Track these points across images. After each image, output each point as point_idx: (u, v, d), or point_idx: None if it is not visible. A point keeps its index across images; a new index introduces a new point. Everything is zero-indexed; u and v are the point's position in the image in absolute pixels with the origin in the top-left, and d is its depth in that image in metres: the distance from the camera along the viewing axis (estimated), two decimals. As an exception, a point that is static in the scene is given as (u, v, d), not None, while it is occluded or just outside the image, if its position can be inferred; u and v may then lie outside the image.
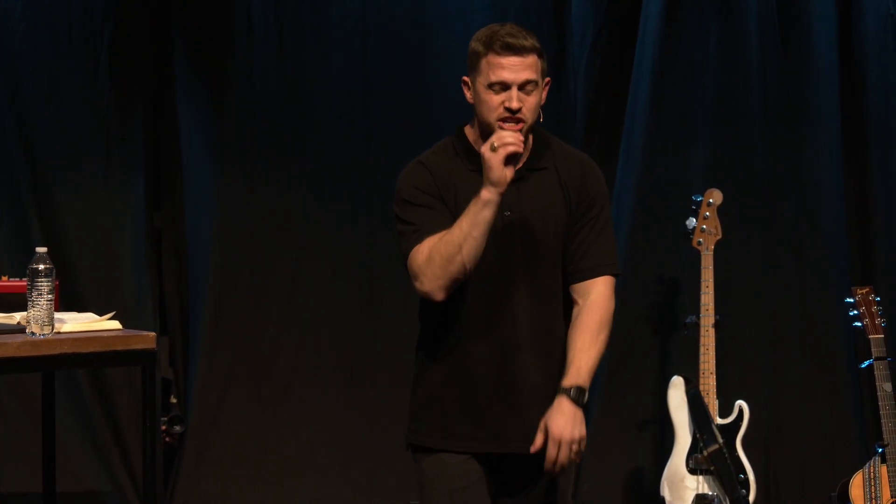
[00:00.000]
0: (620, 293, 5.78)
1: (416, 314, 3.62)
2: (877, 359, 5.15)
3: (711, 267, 5.40)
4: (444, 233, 3.37)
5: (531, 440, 3.46)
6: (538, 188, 3.49)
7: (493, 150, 3.29)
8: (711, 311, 5.36)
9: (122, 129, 5.86)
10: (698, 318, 5.38)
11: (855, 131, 5.99)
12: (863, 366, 5.25)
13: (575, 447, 3.50)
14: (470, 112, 3.55)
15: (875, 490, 5.07)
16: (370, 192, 5.96)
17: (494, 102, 3.41)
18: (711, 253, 5.41)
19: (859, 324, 5.23)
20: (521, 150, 3.32)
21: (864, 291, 5.24)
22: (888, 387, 5.11)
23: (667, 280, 5.95)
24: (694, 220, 5.45)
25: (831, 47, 5.94)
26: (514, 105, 3.39)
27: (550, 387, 3.51)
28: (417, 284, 3.41)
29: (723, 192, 5.50)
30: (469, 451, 3.53)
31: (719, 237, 5.43)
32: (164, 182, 5.93)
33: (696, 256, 5.46)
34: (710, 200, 5.46)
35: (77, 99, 5.78)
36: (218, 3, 5.87)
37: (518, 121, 3.40)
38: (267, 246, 5.95)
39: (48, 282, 3.81)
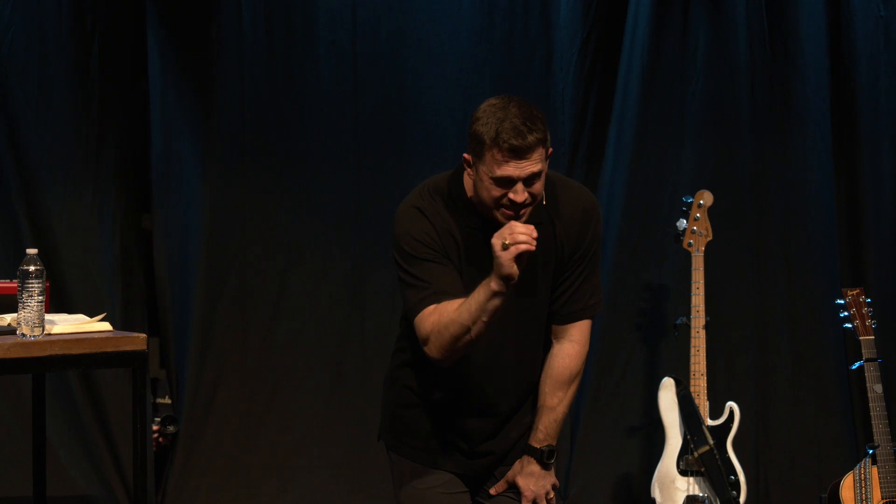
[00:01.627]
0: (608, 295, 5.86)
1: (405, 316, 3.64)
2: (867, 360, 5.16)
3: (702, 268, 5.40)
4: (453, 309, 3.37)
5: (499, 465, 3.62)
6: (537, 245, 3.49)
7: (505, 247, 3.26)
8: (702, 313, 5.37)
9: (111, 131, 5.85)
10: (689, 319, 5.38)
11: (845, 133, 6.00)
12: (853, 367, 5.26)
13: (549, 497, 3.61)
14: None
15: (866, 491, 5.08)
16: (359, 194, 5.95)
17: (498, 194, 3.38)
18: (702, 254, 5.41)
19: (850, 325, 5.23)
20: (533, 247, 3.28)
21: (854, 293, 5.25)
22: (879, 388, 5.12)
23: (655, 282, 5.96)
24: (684, 221, 5.45)
25: (820, 49, 5.95)
26: (520, 199, 3.37)
27: (524, 408, 3.63)
28: (425, 348, 3.43)
29: (712, 194, 5.51)
30: (435, 467, 3.64)
31: (710, 238, 5.43)
32: (153, 184, 5.92)
33: (686, 258, 5.46)
34: (701, 202, 5.46)
35: (66, 102, 5.77)
36: (207, 5, 5.86)
37: (524, 205, 3.39)
38: (255, 247, 5.94)
39: (39, 283, 3.80)
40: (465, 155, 3.47)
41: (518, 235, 3.25)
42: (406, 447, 3.65)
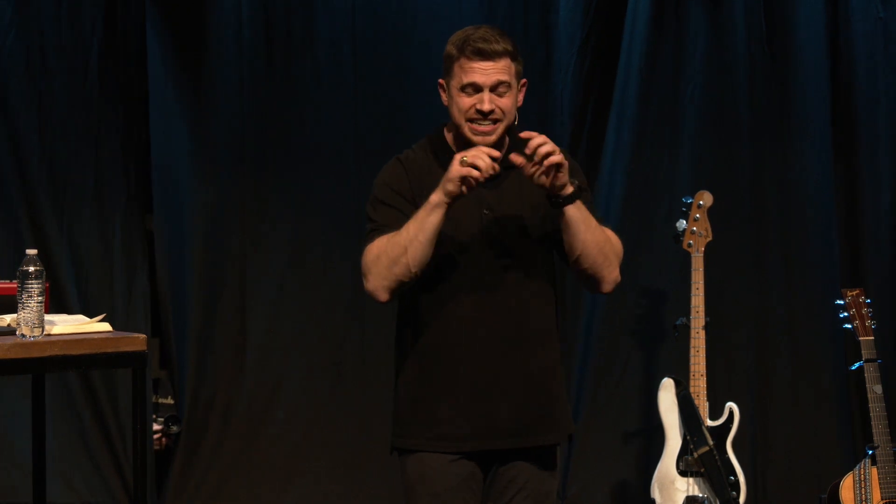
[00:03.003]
0: (606, 297, 5.86)
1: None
2: (867, 361, 5.16)
3: (702, 269, 5.40)
4: (394, 234, 3.41)
5: (517, 436, 3.49)
6: (517, 185, 3.51)
7: (463, 163, 3.32)
8: (702, 314, 5.36)
9: (112, 133, 5.86)
10: (688, 319, 5.38)
11: (844, 133, 6.00)
12: (853, 367, 5.25)
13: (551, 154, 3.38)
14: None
15: (865, 492, 5.08)
16: (358, 194, 5.92)
17: (466, 104, 3.45)
18: (701, 255, 5.41)
19: (849, 325, 5.23)
20: (482, 177, 3.32)
21: (854, 293, 5.25)
22: (878, 388, 5.12)
23: (655, 283, 5.96)
24: (684, 221, 5.44)
25: (819, 49, 5.95)
26: (486, 107, 3.43)
27: (535, 383, 3.53)
28: (364, 283, 3.48)
29: (711, 194, 5.51)
30: (455, 452, 3.52)
31: (709, 239, 5.43)
32: (153, 184, 5.93)
33: (686, 258, 5.46)
34: (701, 202, 5.45)
35: (66, 103, 5.78)
36: (207, 7, 5.87)
37: (493, 121, 3.44)
38: (256, 248, 5.95)
39: (38, 284, 3.80)
40: (440, 80, 3.53)
41: (478, 159, 3.32)
42: (420, 439, 3.54)
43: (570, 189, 3.40)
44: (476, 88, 3.44)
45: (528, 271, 3.53)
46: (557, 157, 3.33)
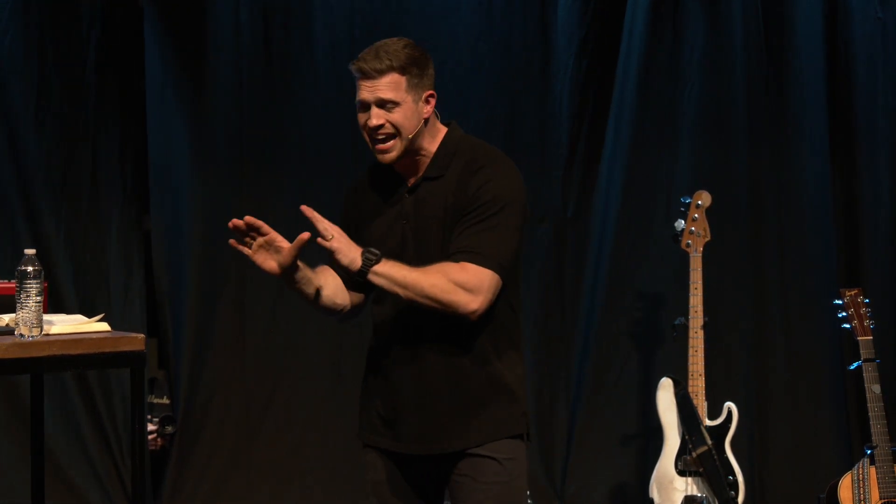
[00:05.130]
0: (607, 295, 5.86)
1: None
2: (865, 360, 5.16)
3: (700, 269, 5.40)
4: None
5: (432, 444, 3.58)
6: (431, 197, 3.56)
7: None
8: (700, 313, 5.36)
9: (109, 133, 5.86)
10: (687, 319, 5.38)
11: (842, 133, 6.00)
12: (852, 367, 5.25)
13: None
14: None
15: (864, 492, 5.08)
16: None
17: (361, 121, 3.58)
18: (700, 255, 5.41)
19: (848, 325, 5.23)
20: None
21: (852, 293, 5.25)
22: (877, 388, 5.12)
23: (653, 283, 5.96)
24: (682, 221, 5.44)
25: (817, 50, 5.95)
26: (372, 122, 3.54)
27: (454, 394, 3.57)
28: None
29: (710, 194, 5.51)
30: (383, 448, 3.69)
31: (708, 239, 5.43)
32: (150, 185, 5.92)
33: (684, 258, 5.46)
34: (699, 202, 5.45)
35: (64, 103, 5.78)
36: (205, 7, 5.87)
37: (383, 137, 3.55)
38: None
39: (37, 283, 3.79)
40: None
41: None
42: (361, 432, 3.75)
43: (357, 263, 3.50)
44: (364, 106, 3.55)
45: None
46: (327, 244, 3.53)
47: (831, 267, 5.95)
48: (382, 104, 3.52)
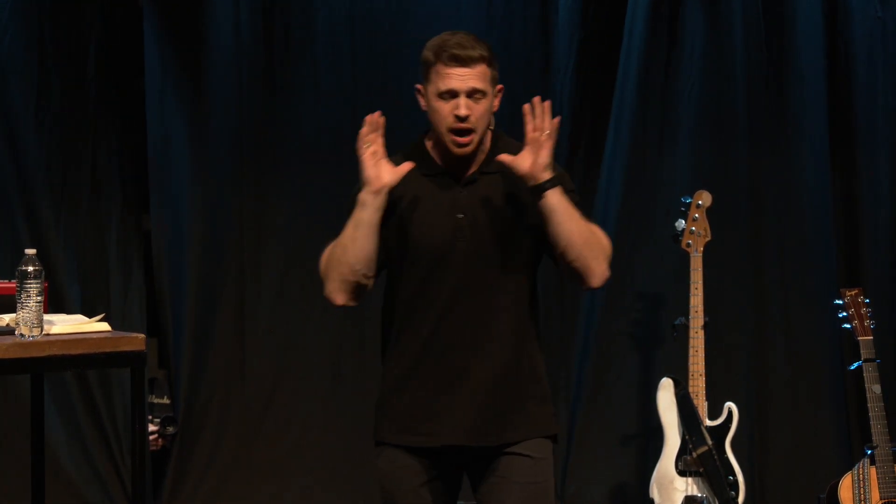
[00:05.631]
0: (606, 296, 5.86)
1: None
2: (866, 360, 5.16)
3: (700, 269, 5.40)
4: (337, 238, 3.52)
5: (486, 436, 3.51)
6: (491, 191, 3.55)
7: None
8: (701, 313, 5.36)
9: (109, 132, 5.86)
10: (687, 319, 5.38)
11: (842, 133, 6.00)
12: (852, 367, 5.25)
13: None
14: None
15: (864, 492, 5.08)
16: (357, 195, 5.95)
17: (444, 111, 3.49)
18: (700, 255, 5.41)
19: (848, 325, 5.23)
20: (361, 151, 3.48)
21: (853, 293, 5.25)
22: (877, 388, 5.12)
23: (653, 283, 5.96)
24: (683, 221, 5.44)
25: (818, 50, 5.95)
26: (462, 112, 3.47)
27: (505, 385, 3.54)
28: (324, 289, 3.60)
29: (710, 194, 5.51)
30: (425, 447, 3.56)
31: (708, 239, 5.43)
32: (150, 184, 5.92)
33: (684, 258, 5.46)
34: (700, 202, 5.45)
35: (64, 103, 5.78)
36: (204, 6, 5.86)
37: (467, 131, 3.49)
38: (253, 248, 5.95)
39: (37, 283, 3.80)
40: (417, 86, 3.58)
41: (362, 135, 3.49)
42: (385, 432, 3.61)
43: (549, 174, 3.44)
44: (452, 94, 3.48)
45: (502, 272, 3.55)
46: (555, 123, 3.45)
47: (831, 267, 5.95)
48: (472, 94, 3.48)
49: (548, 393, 3.64)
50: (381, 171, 3.49)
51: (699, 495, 5.28)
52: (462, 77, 3.46)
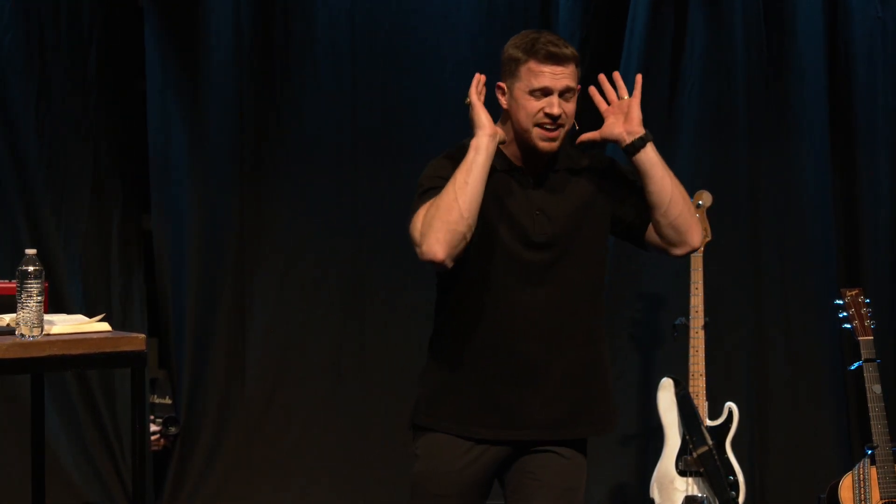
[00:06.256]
0: (607, 297, 5.85)
1: (402, 318, 3.65)
2: (866, 360, 5.16)
3: (701, 269, 5.40)
4: (440, 194, 3.40)
5: (546, 429, 3.51)
6: (565, 187, 3.56)
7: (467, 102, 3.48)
8: (701, 313, 5.36)
9: (109, 132, 5.86)
10: (688, 319, 5.38)
11: (842, 133, 6.00)
12: (852, 367, 5.25)
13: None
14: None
15: (865, 492, 5.08)
16: (357, 195, 5.95)
17: (534, 108, 3.48)
18: (701, 255, 5.41)
19: (849, 325, 5.23)
20: (470, 96, 3.48)
21: (853, 293, 5.25)
22: (878, 388, 5.12)
23: (654, 283, 5.96)
24: (683, 221, 5.43)
25: (818, 50, 5.96)
26: (556, 111, 3.47)
27: (573, 378, 3.55)
28: (418, 251, 3.38)
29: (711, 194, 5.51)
30: (478, 438, 3.54)
31: (709, 239, 5.44)
32: (151, 184, 5.92)
33: (685, 258, 5.45)
34: (700, 202, 5.46)
35: (65, 103, 5.78)
36: (205, 6, 5.86)
37: (558, 126, 3.49)
38: (254, 248, 5.94)
39: (37, 283, 3.80)
40: (500, 83, 3.56)
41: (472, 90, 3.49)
42: (436, 419, 3.56)
43: (643, 130, 3.57)
44: (546, 92, 3.48)
45: (577, 269, 3.55)
46: (637, 80, 3.58)
47: (831, 267, 5.96)
48: (564, 93, 3.49)
49: (612, 389, 3.70)
50: (486, 117, 3.48)
51: (699, 495, 5.28)
52: (556, 75, 3.47)
